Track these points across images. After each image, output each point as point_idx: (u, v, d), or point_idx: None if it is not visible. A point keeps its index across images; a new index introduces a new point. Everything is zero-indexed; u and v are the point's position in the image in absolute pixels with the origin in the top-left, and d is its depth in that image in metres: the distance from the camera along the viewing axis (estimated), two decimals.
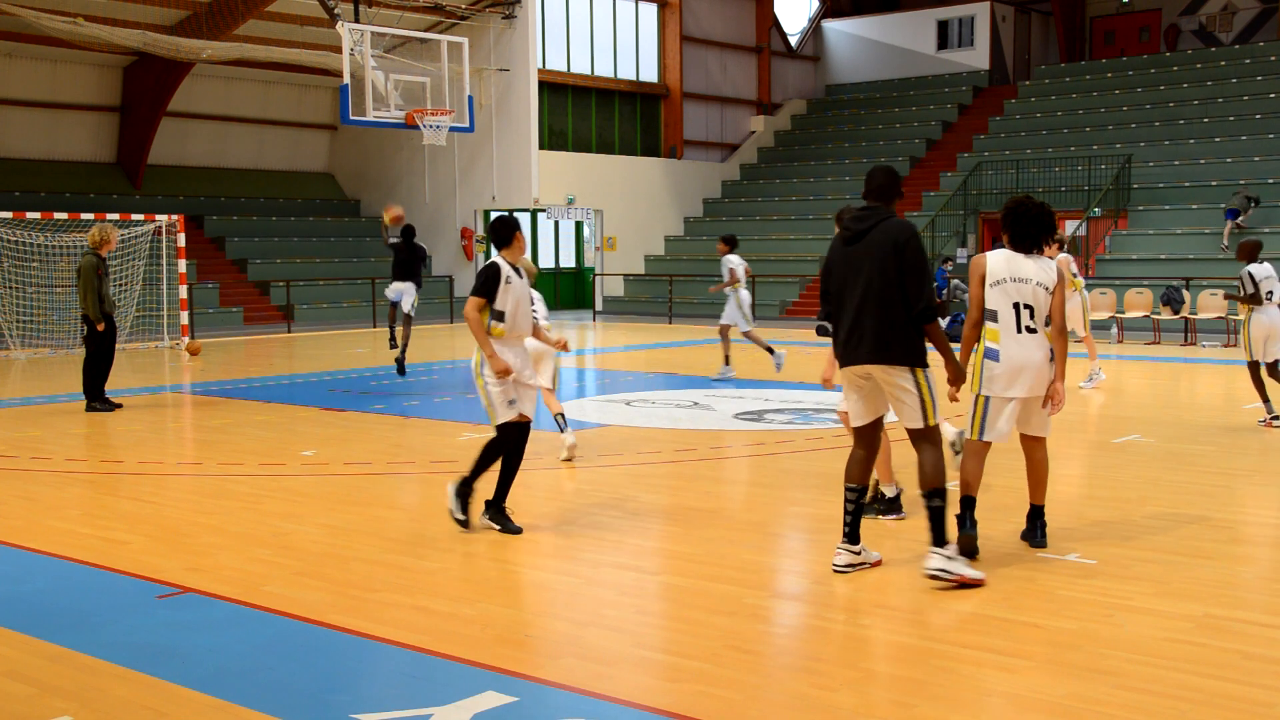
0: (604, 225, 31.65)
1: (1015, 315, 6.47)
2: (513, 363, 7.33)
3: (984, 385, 6.52)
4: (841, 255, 6.26)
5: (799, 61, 38.62)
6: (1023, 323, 6.48)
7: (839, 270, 6.26)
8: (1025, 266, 6.49)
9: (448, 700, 4.61)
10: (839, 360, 6.32)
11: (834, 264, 6.29)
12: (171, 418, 13.36)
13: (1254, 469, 9.25)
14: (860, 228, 6.19)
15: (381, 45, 20.96)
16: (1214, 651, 5.09)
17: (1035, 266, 6.50)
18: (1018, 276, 6.48)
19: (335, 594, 6.08)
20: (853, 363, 6.22)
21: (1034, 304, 6.47)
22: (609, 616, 5.85)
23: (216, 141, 30.77)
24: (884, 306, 6.07)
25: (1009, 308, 6.47)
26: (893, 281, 6.05)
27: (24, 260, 20.63)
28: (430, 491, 8.72)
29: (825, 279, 6.37)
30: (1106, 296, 21.62)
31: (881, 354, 6.11)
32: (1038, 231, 6.54)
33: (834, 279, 6.28)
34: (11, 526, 7.67)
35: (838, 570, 6.29)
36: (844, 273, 6.22)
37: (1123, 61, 33.89)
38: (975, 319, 6.56)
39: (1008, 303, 6.47)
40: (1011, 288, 6.49)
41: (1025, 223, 6.52)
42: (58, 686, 4.86)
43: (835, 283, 6.27)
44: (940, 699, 4.62)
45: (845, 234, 6.24)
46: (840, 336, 6.27)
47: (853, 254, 6.19)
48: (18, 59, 26.76)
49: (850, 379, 6.28)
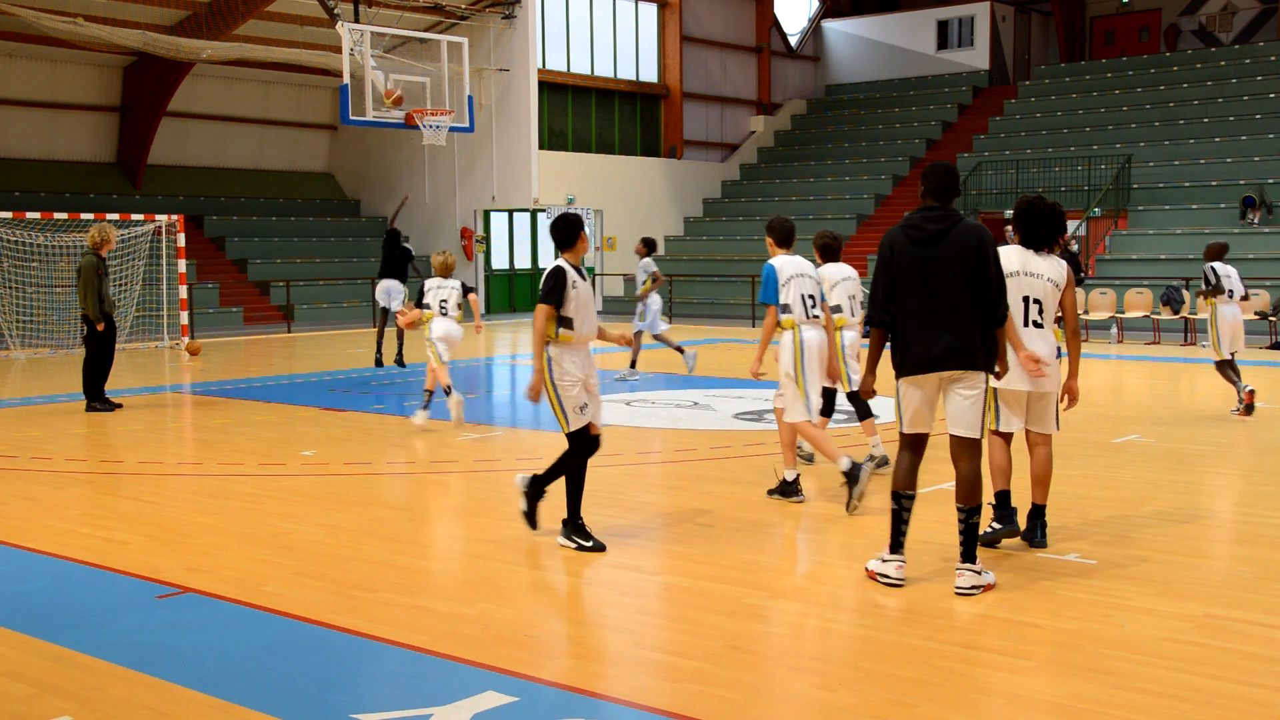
0: (604, 225, 31.64)
1: (1024, 309, 6.56)
2: (581, 368, 6.97)
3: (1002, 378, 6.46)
4: (913, 257, 6.00)
5: (799, 61, 38.62)
6: (1030, 317, 6.57)
7: (910, 273, 6.00)
8: (1038, 262, 6.60)
9: (448, 700, 4.61)
10: (912, 365, 6.01)
11: (903, 266, 6.01)
12: (171, 418, 13.36)
13: (1254, 469, 9.25)
14: (935, 229, 5.99)
15: (381, 45, 20.96)
16: (1214, 651, 5.09)
17: (1047, 263, 6.60)
18: (1030, 271, 6.59)
19: (335, 594, 6.08)
20: (931, 369, 5.99)
21: (1043, 299, 6.56)
22: (609, 616, 5.85)
23: (216, 141, 30.76)
24: (967, 311, 5.95)
25: (1019, 301, 6.54)
26: (976, 286, 5.95)
27: (24, 260, 20.63)
28: (430, 491, 8.73)
29: (886, 279, 6.06)
30: (1106, 296, 21.62)
31: (965, 359, 5.96)
32: (1049, 231, 6.62)
33: (901, 281, 6.02)
34: (11, 526, 7.67)
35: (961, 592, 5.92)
36: (917, 275, 5.98)
37: (1123, 61, 33.89)
38: None
39: (1018, 296, 6.53)
40: (1024, 281, 6.57)
41: (1037, 222, 6.60)
42: (58, 686, 4.86)
43: (903, 285, 6.01)
44: (940, 699, 4.62)
45: (916, 234, 6.01)
46: (913, 342, 5.99)
47: (928, 256, 5.97)
48: (18, 59, 26.75)
49: (919, 385, 6.06)
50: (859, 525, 7.43)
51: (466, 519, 7.92)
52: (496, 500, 8.56)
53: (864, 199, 31.49)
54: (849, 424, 11.57)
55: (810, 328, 7.88)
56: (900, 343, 6.07)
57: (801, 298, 7.87)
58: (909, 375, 6.05)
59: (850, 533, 7.30)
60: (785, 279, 7.87)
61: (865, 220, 30.85)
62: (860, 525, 7.42)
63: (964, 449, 6.09)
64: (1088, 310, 21.62)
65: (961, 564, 5.98)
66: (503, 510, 8.20)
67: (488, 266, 31.09)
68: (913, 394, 6.09)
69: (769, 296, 7.88)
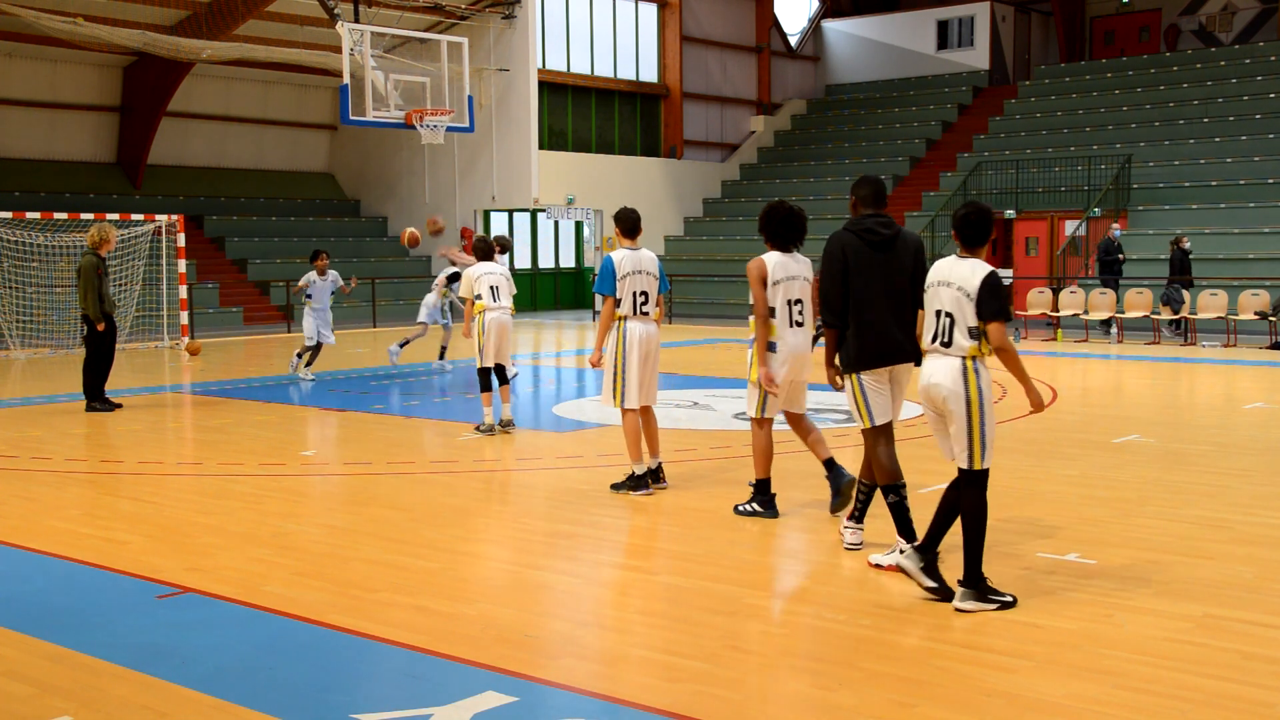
0: (604, 225, 31.64)
1: (789, 310, 7.33)
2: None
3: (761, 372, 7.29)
4: (869, 260, 6.43)
5: (799, 61, 38.62)
6: (793, 317, 7.33)
7: (869, 274, 6.42)
8: (793, 265, 7.35)
9: (448, 700, 4.61)
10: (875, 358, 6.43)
11: (862, 268, 6.41)
12: (171, 418, 13.36)
13: (1254, 469, 9.25)
14: (888, 234, 6.47)
15: (381, 45, 20.96)
16: (1214, 651, 5.09)
17: (800, 266, 7.38)
18: (791, 274, 7.33)
19: (335, 594, 6.08)
20: (890, 363, 6.46)
21: (803, 298, 7.36)
22: (609, 616, 5.85)
23: (216, 141, 30.76)
24: (910, 309, 6.50)
25: (785, 304, 7.29)
26: (917, 286, 6.42)
27: (24, 260, 20.63)
28: (430, 491, 8.72)
29: (840, 282, 6.42)
30: (1106, 296, 21.62)
31: (912, 353, 6.49)
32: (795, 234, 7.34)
33: (859, 282, 6.40)
34: (11, 526, 7.67)
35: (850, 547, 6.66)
36: (877, 276, 6.43)
37: (1123, 61, 33.88)
38: (762, 315, 7.22)
39: (785, 299, 7.29)
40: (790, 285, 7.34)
41: (782, 225, 7.30)
42: (58, 686, 4.86)
43: (862, 286, 6.41)
44: (940, 699, 4.62)
45: (873, 239, 6.43)
46: (869, 338, 6.41)
47: (881, 259, 6.44)
48: (18, 59, 26.75)
49: (881, 378, 6.49)
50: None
51: (466, 519, 7.92)
52: (496, 500, 8.56)
53: None
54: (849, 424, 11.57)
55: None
56: (860, 339, 6.43)
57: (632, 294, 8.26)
58: (872, 368, 6.44)
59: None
60: (624, 272, 8.24)
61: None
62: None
63: (887, 435, 6.60)
64: (1088, 310, 21.62)
65: (851, 523, 6.67)
66: (503, 510, 8.21)
67: None
68: (875, 386, 6.50)
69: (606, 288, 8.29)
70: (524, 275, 31.84)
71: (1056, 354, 19.08)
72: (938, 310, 5.81)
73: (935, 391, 5.79)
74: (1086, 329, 21.97)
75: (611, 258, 8.25)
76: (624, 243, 8.42)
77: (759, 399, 7.41)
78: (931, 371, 5.82)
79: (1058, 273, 24.31)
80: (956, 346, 5.73)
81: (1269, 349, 19.35)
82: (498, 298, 11.17)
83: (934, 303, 5.84)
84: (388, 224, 32.35)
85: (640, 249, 8.41)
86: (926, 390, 5.85)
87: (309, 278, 16.09)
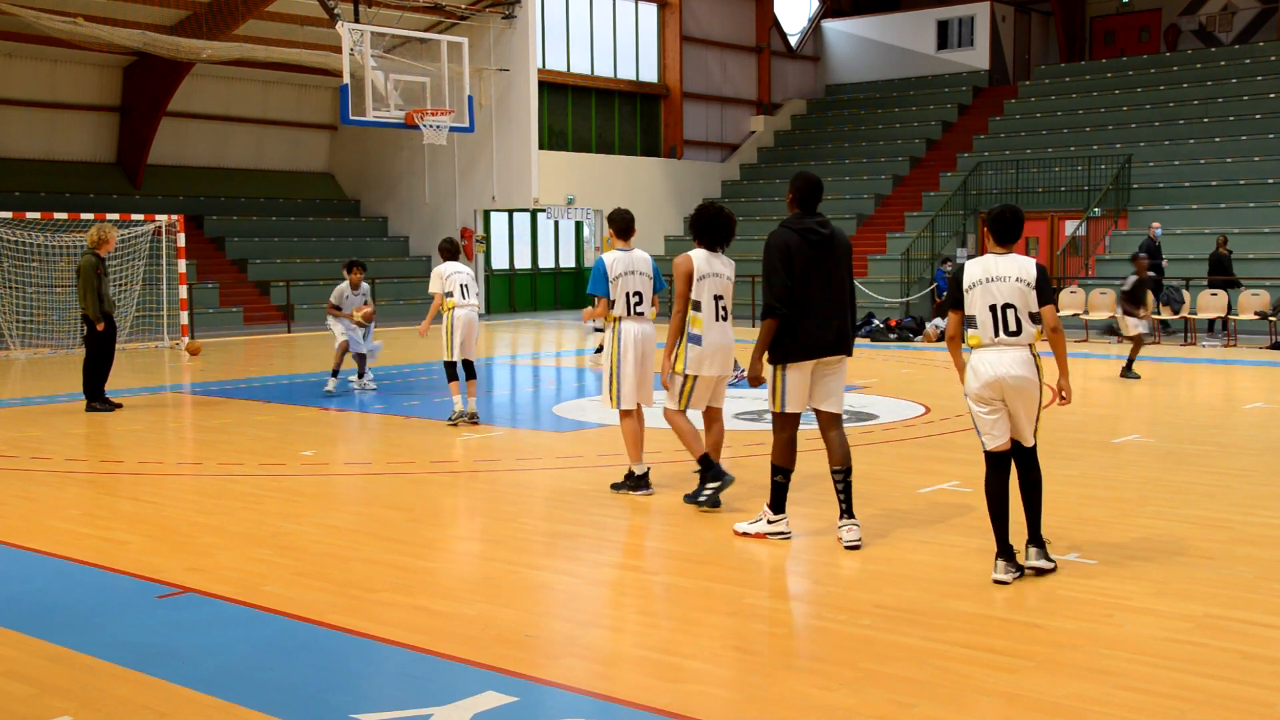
0: (603, 225, 31.63)
1: (714, 306, 7.75)
2: None
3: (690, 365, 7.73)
4: (812, 257, 6.83)
5: (799, 61, 38.62)
6: (718, 312, 7.76)
7: (810, 270, 6.81)
8: (718, 263, 7.81)
9: (448, 700, 4.61)
10: (806, 351, 6.78)
11: (803, 264, 6.80)
12: (171, 418, 13.36)
13: (1254, 469, 9.25)
14: (826, 233, 6.90)
15: (381, 45, 20.96)
16: (1214, 651, 5.09)
17: (723, 265, 7.80)
18: (715, 271, 7.75)
19: (335, 594, 6.08)
20: (825, 354, 6.87)
21: (724, 294, 7.76)
22: (609, 616, 5.85)
23: (216, 141, 30.76)
24: (846, 303, 6.95)
25: (711, 300, 7.68)
26: (849, 282, 6.99)
27: (24, 260, 20.63)
28: (430, 491, 8.73)
29: (785, 272, 6.78)
30: (1106, 296, 21.63)
31: (846, 345, 6.95)
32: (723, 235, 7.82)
33: (801, 277, 6.80)
34: (11, 526, 7.67)
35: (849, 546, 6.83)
36: (817, 272, 6.83)
37: (1123, 61, 33.88)
38: (681, 309, 7.69)
39: (711, 294, 7.68)
40: (713, 281, 7.74)
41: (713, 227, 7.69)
42: (58, 686, 4.86)
43: (803, 281, 6.80)
44: (940, 699, 4.62)
45: (813, 237, 6.85)
46: (802, 333, 6.78)
47: (820, 255, 6.85)
48: (18, 59, 26.75)
49: (805, 370, 6.87)
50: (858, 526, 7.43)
51: (466, 519, 7.92)
52: (496, 500, 8.56)
53: (864, 199, 31.49)
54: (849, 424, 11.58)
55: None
56: (795, 332, 6.79)
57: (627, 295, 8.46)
58: (801, 360, 6.82)
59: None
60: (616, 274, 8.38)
61: (865, 220, 30.84)
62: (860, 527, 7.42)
63: (834, 422, 7.03)
64: (1088, 310, 21.62)
65: (845, 520, 6.90)
66: (503, 510, 8.20)
67: (488, 266, 31.09)
68: (798, 378, 6.87)
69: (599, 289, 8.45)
70: (524, 275, 31.85)
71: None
72: (993, 305, 6.11)
73: (1013, 381, 6.07)
74: (1087, 329, 21.96)
75: (603, 259, 8.35)
76: (617, 244, 8.52)
77: (685, 389, 7.75)
78: (1008, 363, 6.09)
79: (1058, 273, 24.31)
80: (1025, 334, 6.10)
81: (1269, 349, 19.35)
82: (466, 295, 11.78)
83: (987, 298, 6.12)
84: (388, 224, 32.35)
85: (633, 250, 8.52)
86: (1002, 381, 6.08)
87: (342, 291, 14.53)
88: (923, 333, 21.64)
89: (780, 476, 7.01)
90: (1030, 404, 6.14)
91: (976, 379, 6.16)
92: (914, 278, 26.47)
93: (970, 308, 6.17)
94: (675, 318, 7.70)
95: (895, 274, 26.24)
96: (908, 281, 26.16)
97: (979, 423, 6.24)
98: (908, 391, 13.84)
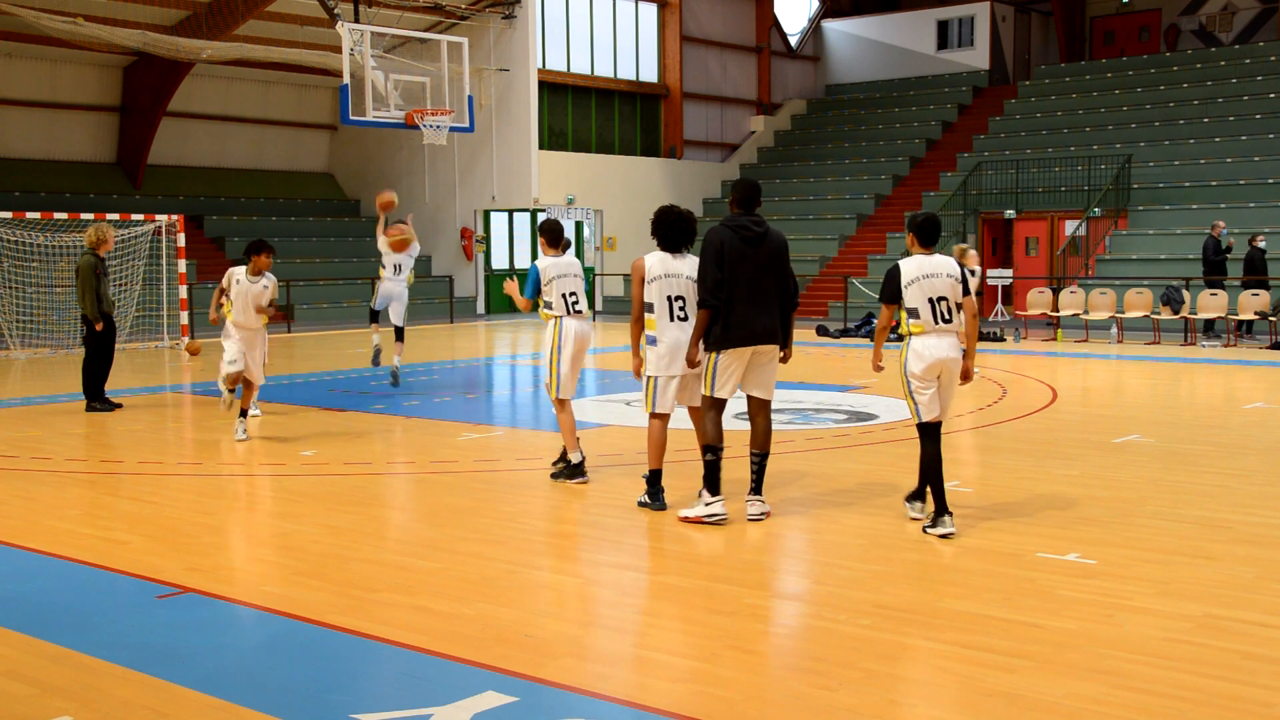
0: (604, 225, 31.65)
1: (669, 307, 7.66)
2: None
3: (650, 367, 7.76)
4: (744, 254, 7.31)
5: (799, 61, 38.62)
6: (673, 313, 7.66)
7: (742, 266, 7.28)
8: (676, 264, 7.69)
9: (448, 700, 4.61)
10: (737, 340, 7.28)
11: (735, 261, 7.28)
12: (171, 418, 13.36)
13: (1254, 469, 9.25)
14: (759, 231, 7.39)
15: (381, 45, 20.96)
16: (1214, 651, 5.09)
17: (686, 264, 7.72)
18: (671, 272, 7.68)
19: (335, 594, 6.08)
20: (754, 343, 7.34)
21: (685, 295, 7.69)
22: (609, 616, 5.85)
23: (216, 141, 30.76)
24: (778, 297, 7.39)
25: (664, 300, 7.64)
26: (784, 278, 7.43)
27: (24, 260, 20.63)
28: (430, 491, 8.72)
29: (716, 269, 7.24)
30: (1106, 296, 21.63)
31: (774, 336, 7.39)
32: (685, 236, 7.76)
33: (732, 272, 7.24)
34: (11, 526, 7.67)
35: (752, 518, 7.43)
36: (744, 268, 7.28)
37: (1123, 61, 33.88)
38: (635, 313, 7.75)
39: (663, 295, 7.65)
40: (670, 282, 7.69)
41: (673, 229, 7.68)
42: (58, 686, 4.86)
43: (734, 276, 7.25)
44: (940, 699, 4.62)
45: (747, 234, 7.34)
46: (738, 320, 7.25)
47: (753, 253, 7.33)
48: (18, 59, 26.75)
49: (740, 356, 7.36)
50: (857, 526, 7.43)
51: (466, 519, 7.92)
52: (496, 500, 8.56)
53: (864, 199, 31.49)
54: (849, 424, 11.58)
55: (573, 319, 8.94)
56: (726, 322, 7.28)
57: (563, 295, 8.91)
58: (730, 349, 7.31)
59: (849, 533, 7.30)
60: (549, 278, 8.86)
61: (866, 220, 30.85)
62: (860, 526, 7.43)
63: (761, 407, 7.56)
64: (1088, 310, 21.63)
65: (752, 496, 7.48)
66: (503, 510, 8.20)
67: (488, 266, 31.10)
68: (730, 364, 7.35)
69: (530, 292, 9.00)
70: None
71: (1056, 354, 19.08)
72: (931, 298, 7.08)
73: (950, 363, 7.12)
74: (1087, 329, 21.97)
75: (537, 266, 8.89)
76: (549, 252, 9.01)
77: (646, 391, 7.81)
78: (945, 347, 7.10)
79: (1058, 273, 24.31)
80: (956, 322, 7.12)
81: (1269, 349, 19.35)
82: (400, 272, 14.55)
83: (926, 292, 7.09)
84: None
85: (564, 256, 9.06)
86: (943, 362, 7.08)
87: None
88: None
89: (710, 455, 7.41)
90: (955, 382, 7.24)
91: (920, 361, 7.08)
92: None
93: (910, 301, 7.11)
94: (632, 323, 7.82)
95: None
96: None
97: (917, 399, 7.14)
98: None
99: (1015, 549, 6.74)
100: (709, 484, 7.42)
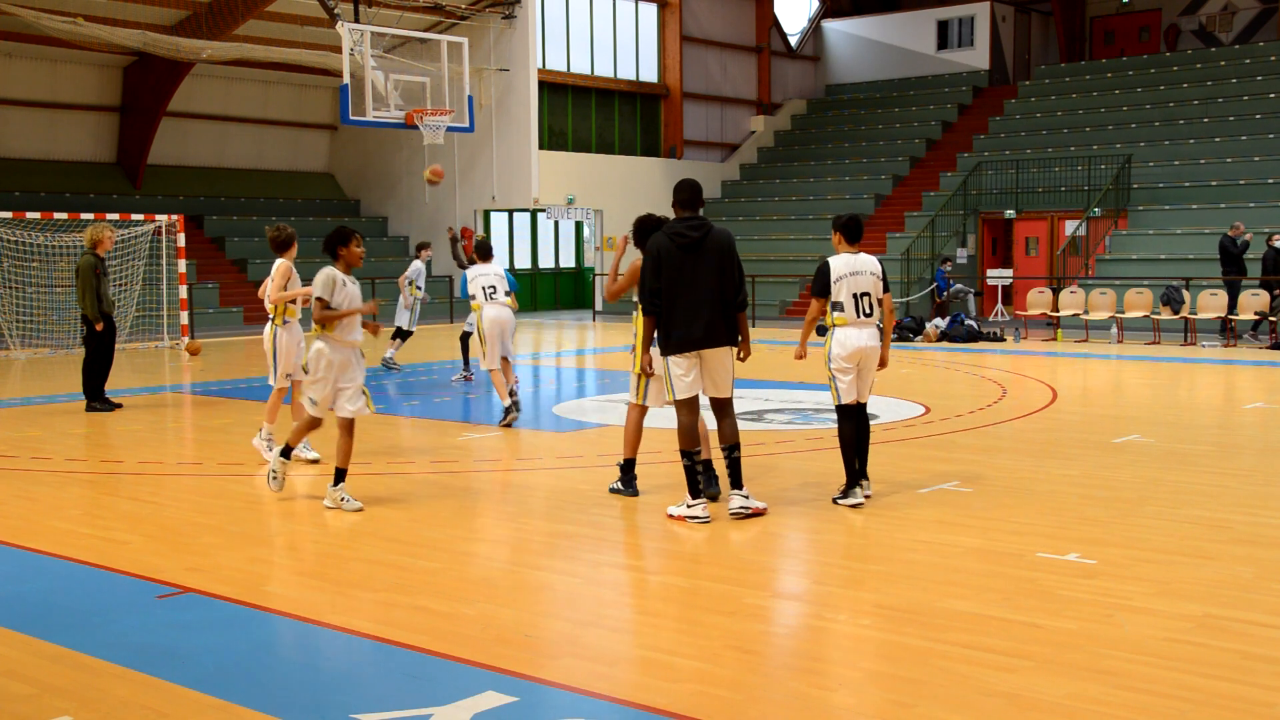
0: (604, 225, 31.65)
1: None
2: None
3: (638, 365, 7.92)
4: (679, 259, 7.43)
5: (799, 61, 38.62)
6: None
7: (678, 272, 7.42)
8: None
9: (448, 700, 4.61)
10: (678, 345, 7.45)
11: (671, 266, 7.42)
12: (171, 418, 13.36)
13: (1254, 469, 9.25)
14: (696, 235, 7.47)
15: (381, 45, 20.96)
16: (1214, 651, 5.09)
17: None
18: None
19: (335, 594, 6.08)
20: (694, 348, 7.47)
21: None
22: (609, 616, 5.85)
23: (216, 141, 30.76)
24: (721, 299, 7.50)
25: None
26: (727, 279, 7.51)
27: (24, 260, 20.63)
28: (430, 491, 8.73)
29: (654, 278, 7.44)
30: (1106, 296, 21.63)
31: (717, 339, 7.51)
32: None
33: (666, 278, 7.41)
34: (11, 526, 7.67)
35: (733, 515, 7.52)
36: (681, 273, 7.41)
37: (1123, 61, 33.88)
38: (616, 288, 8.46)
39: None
40: None
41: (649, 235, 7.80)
42: (58, 686, 4.86)
43: (668, 281, 7.41)
44: (940, 699, 4.62)
45: (681, 240, 7.44)
46: (678, 326, 7.43)
47: (690, 258, 7.44)
48: (18, 59, 26.75)
49: (690, 360, 7.51)
50: (858, 526, 7.44)
51: (466, 519, 7.92)
52: (496, 500, 8.57)
53: (864, 199, 31.49)
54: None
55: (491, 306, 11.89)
56: (667, 328, 7.48)
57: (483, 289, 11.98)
58: (676, 353, 7.48)
59: (849, 532, 7.31)
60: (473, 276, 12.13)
61: (865, 220, 30.83)
62: (860, 526, 7.43)
63: (721, 406, 7.69)
64: (1088, 310, 21.63)
65: (733, 491, 7.58)
66: (503, 510, 8.21)
67: None
68: (681, 367, 7.52)
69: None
70: (524, 275, 31.83)
71: (1056, 354, 19.08)
72: (855, 294, 7.76)
73: (869, 351, 7.82)
74: (1087, 329, 21.97)
75: (466, 274, 12.24)
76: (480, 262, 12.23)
77: (639, 386, 8.08)
78: (865, 337, 7.81)
79: (1058, 273, 24.31)
80: (875, 315, 7.79)
81: (1269, 349, 19.35)
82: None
83: (851, 288, 7.74)
84: (388, 224, 32.35)
85: (491, 265, 12.27)
86: (863, 350, 7.78)
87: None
88: (923, 333, 21.64)
89: (687, 460, 7.54)
90: (873, 368, 7.91)
91: (844, 350, 7.76)
92: (914, 278, 26.48)
93: (837, 295, 7.75)
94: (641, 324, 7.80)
95: (895, 274, 26.24)
96: (908, 281, 26.16)
97: (839, 383, 7.83)
98: (907, 391, 13.84)
99: (1015, 549, 6.75)
100: (689, 487, 7.57)
